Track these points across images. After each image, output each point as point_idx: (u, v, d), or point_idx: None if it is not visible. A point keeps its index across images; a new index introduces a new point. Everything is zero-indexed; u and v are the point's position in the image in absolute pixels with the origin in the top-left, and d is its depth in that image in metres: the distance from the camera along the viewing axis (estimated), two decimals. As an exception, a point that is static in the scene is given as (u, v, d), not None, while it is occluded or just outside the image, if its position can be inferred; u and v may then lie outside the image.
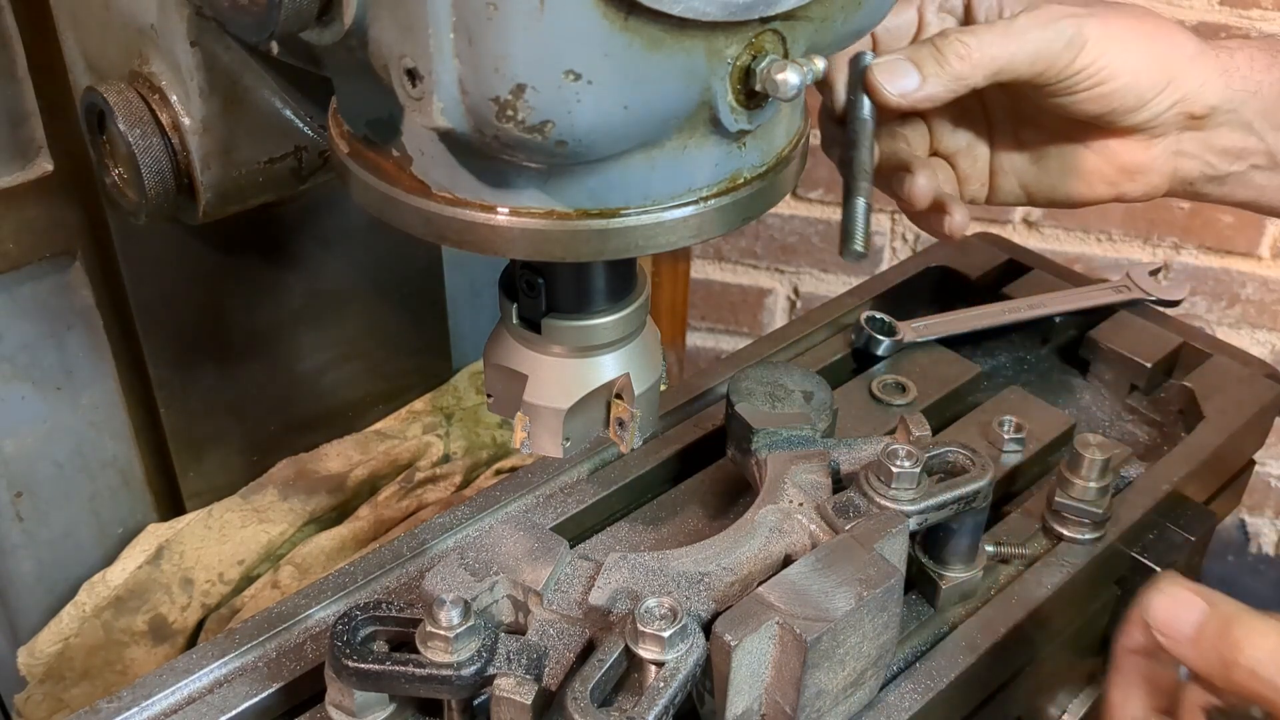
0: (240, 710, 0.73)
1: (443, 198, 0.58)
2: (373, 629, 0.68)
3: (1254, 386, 1.03)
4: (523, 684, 0.65)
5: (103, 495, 0.96)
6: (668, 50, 0.51)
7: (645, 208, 0.58)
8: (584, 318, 0.69)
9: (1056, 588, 0.82)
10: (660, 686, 0.64)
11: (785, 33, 0.55)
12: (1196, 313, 2.09)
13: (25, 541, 0.93)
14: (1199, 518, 0.93)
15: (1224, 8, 1.90)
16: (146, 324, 0.89)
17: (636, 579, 0.71)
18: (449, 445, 1.06)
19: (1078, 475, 0.84)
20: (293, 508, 0.98)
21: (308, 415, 1.03)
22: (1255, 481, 1.81)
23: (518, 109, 0.50)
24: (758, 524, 0.76)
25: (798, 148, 0.64)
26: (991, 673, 0.80)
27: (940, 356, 1.04)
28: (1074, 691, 0.98)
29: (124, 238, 0.85)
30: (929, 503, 0.76)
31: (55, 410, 0.91)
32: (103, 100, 0.71)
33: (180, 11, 0.68)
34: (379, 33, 0.53)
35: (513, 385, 0.72)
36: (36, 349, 0.88)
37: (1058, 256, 1.70)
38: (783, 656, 0.67)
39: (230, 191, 0.76)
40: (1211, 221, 2.06)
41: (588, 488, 0.89)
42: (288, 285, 0.96)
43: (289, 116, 0.75)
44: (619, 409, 0.73)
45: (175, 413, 0.94)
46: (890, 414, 0.96)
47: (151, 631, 0.92)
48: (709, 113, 0.55)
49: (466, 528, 0.85)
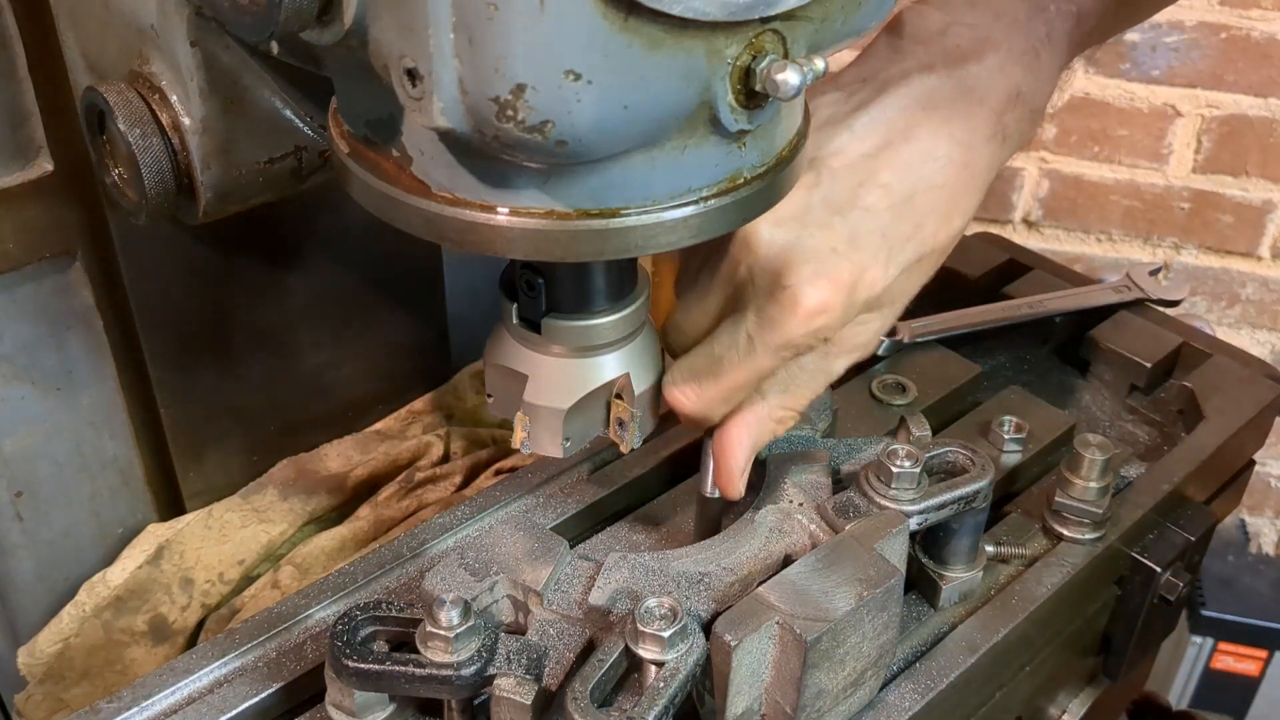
0: (240, 710, 0.73)
1: (443, 197, 0.58)
2: (373, 629, 0.68)
3: (1254, 386, 1.03)
4: (523, 684, 0.65)
5: (103, 495, 0.96)
6: (668, 50, 0.51)
7: (645, 208, 0.58)
8: (584, 318, 0.69)
9: (1056, 588, 0.82)
10: (660, 686, 0.64)
11: (785, 33, 0.55)
12: (1196, 312, 2.09)
13: (25, 541, 0.93)
14: (1199, 518, 0.93)
15: (1224, 8, 1.91)
16: (146, 324, 0.89)
17: (636, 579, 0.71)
18: (449, 445, 1.06)
19: (1078, 475, 0.84)
20: (293, 508, 0.97)
21: (308, 415, 1.03)
22: (1255, 481, 1.81)
23: (518, 109, 0.50)
24: (758, 524, 0.76)
25: (798, 148, 0.64)
26: (991, 673, 0.80)
27: (940, 356, 1.04)
28: (1074, 691, 0.98)
29: (124, 238, 0.85)
30: (929, 503, 0.76)
31: (55, 410, 0.91)
32: (103, 100, 0.71)
33: (180, 11, 0.68)
34: (379, 33, 0.53)
35: (513, 385, 0.72)
36: (36, 349, 0.88)
37: (1058, 256, 1.70)
38: (783, 656, 0.67)
39: (230, 191, 0.76)
40: (1211, 221, 2.06)
41: (588, 488, 0.88)
42: (288, 285, 0.96)
43: (289, 116, 0.75)
44: (619, 409, 0.73)
45: (175, 413, 0.94)
46: (890, 414, 0.96)
47: (151, 631, 0.92)
48: (709, 113, 0.55)
49: (466, 528, 0.85)
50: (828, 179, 0.70)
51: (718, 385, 0.72)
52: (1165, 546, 0.90)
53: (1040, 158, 2.07)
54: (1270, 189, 2.03)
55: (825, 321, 0.69)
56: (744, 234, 0.69)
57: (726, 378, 0.71)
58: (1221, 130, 1.99)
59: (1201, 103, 1.98)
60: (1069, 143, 2.04)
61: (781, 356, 0.70)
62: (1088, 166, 2.06)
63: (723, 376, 0.71)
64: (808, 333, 0.69)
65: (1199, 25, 1.93)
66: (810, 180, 0.70)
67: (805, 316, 0.68)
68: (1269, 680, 2.19)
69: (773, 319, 0.69)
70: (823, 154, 0.71)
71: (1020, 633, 0.80)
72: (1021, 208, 2.12)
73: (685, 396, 0.73)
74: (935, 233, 0.72)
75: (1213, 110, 1.98)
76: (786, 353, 0.70)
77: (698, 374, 0.72)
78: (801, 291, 0.68)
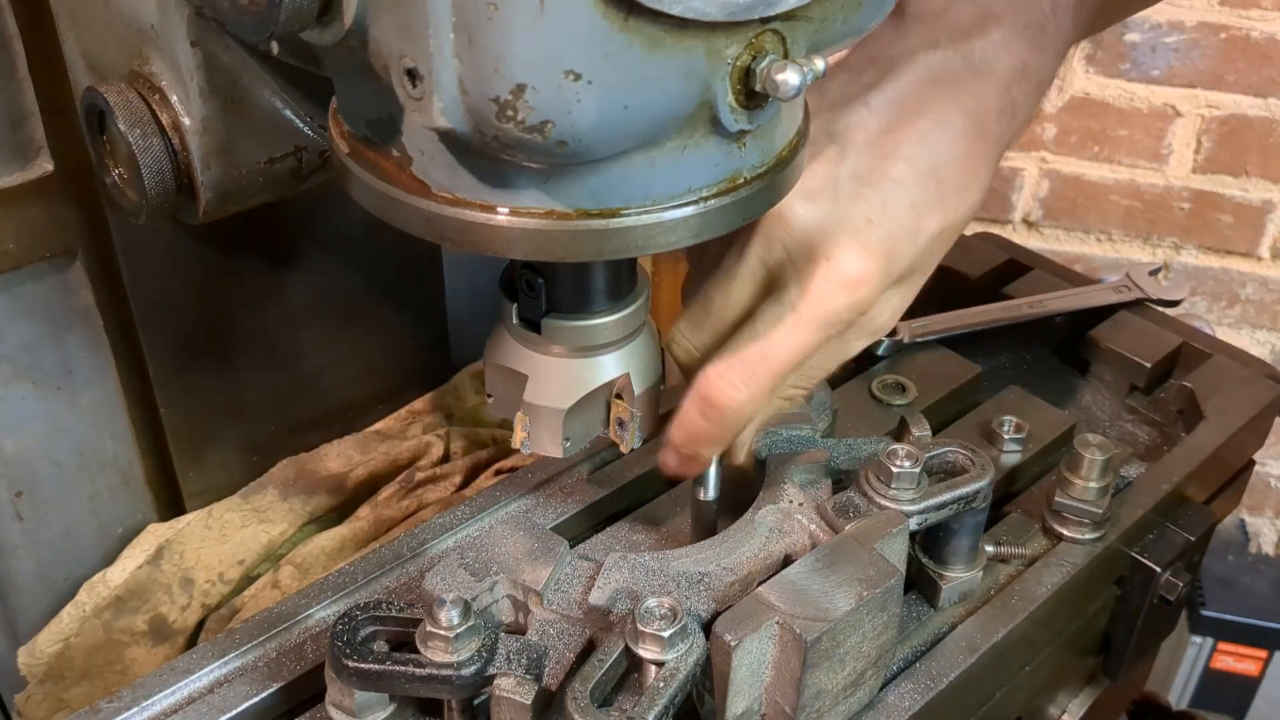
0: (240, 710, 0.73)
1: (443, 198, 0.58)
2: (373, 629, 0.68)
3: (1254, 386, 1.03)
4: (523, 684, 0.65)
5: (103, 495, 0.96)
6: (668, 50, 0.51)
7: (645, 208, 0.58)
8: (584, 318, 0.69)
9: (1056, 588, 0.82)
10: (660, 686, 0.64)
11: (785, 33, 0.55)
12: (1196, 312, 2.09)
13: (25, 541, 0.93)
14: (1199, 518, 0.93)
15: (1224, 8, 1.91)
16: (146, 324, 0.89)
17: (636, 579, 0.71)
18: (449, 445, 1.06)
19: (1078, 475, 0.84)
20: (293, 508, 0.97)
21: (308, 415, 1.03)
22: (1255, 481, 1.82)
23: (518, 109, 0.50)
24: (758, 524, 0.76)
25: (798, 148, 0.64)
26: (991, 673, 0.80)
27: (940, 356, 1.04)
28: (1074, 691, 0.98)
29: (124, 238, 0.85)
30: (929, 503, 0.76)
31: (55, 410, 0.91)
32: (103, 100, 0.71)
33: (180, 11, 0.68)
34: (379, 33, 0.53)
35: (513, 385, 0.72)
36: (36, 349, 0.88)
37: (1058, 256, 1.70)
38: (783, 656, 0.67)
39: (230, 191, 0.76)
40: (1211, 221, 2.06)
41: (588, 488, 0.88)
42: (288, 285, 0.96)
43: (289, 116, 0.75)
44: (619, 409, 0.73)
45: (175, 413, 0.94)
46: (890, 414, 0.96)
47: (151, 631, 0.92)
48: (709, 113, 0.55)
49: (466, 528, 0.85)
50: (853, 153, 0.70)
51: (767, 367, 0.70)
52: (1165, 546, 0.90)
53: (1040, 158, 2.07)
54: (1270, 189, 2.03)
55: (866, 292, 0.69)
56: (776, 212, 0.68)
57: (775, 358, 0.70)
58: (1221, 130, 1.99)
59: (1201, 103, 1.98)
60: (1069, 143, 2.05)
61: (827, 332, 0.70)
62: (1088, 166, 2.06)
63: (770, 357, 0.70)
64: (851, 303, 0.69)
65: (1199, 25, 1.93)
66: (835, 155, 0.70)
67: (849, 286, 0.68)
68: (1269, 680, 2.19)
69: (816, 291, 0.68)
70: (842, 128, 0.71)
71: (1020, 633, 0.80)
72: (1021, 208, 2.12)
73: (732, 385, 0.70)
74: (956, 204, 0.73)
75: (1213, 110, 1.98)
76: (832, 328, 0.70)
77: (745, 359, 0.70)
78: (844, 260, 0.68)
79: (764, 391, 0.71)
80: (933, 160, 0.71)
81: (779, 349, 0.70)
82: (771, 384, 0.71)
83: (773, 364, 0.70)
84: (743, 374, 0.70)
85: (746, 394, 0.70)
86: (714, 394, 0.70)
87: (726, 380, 0.70)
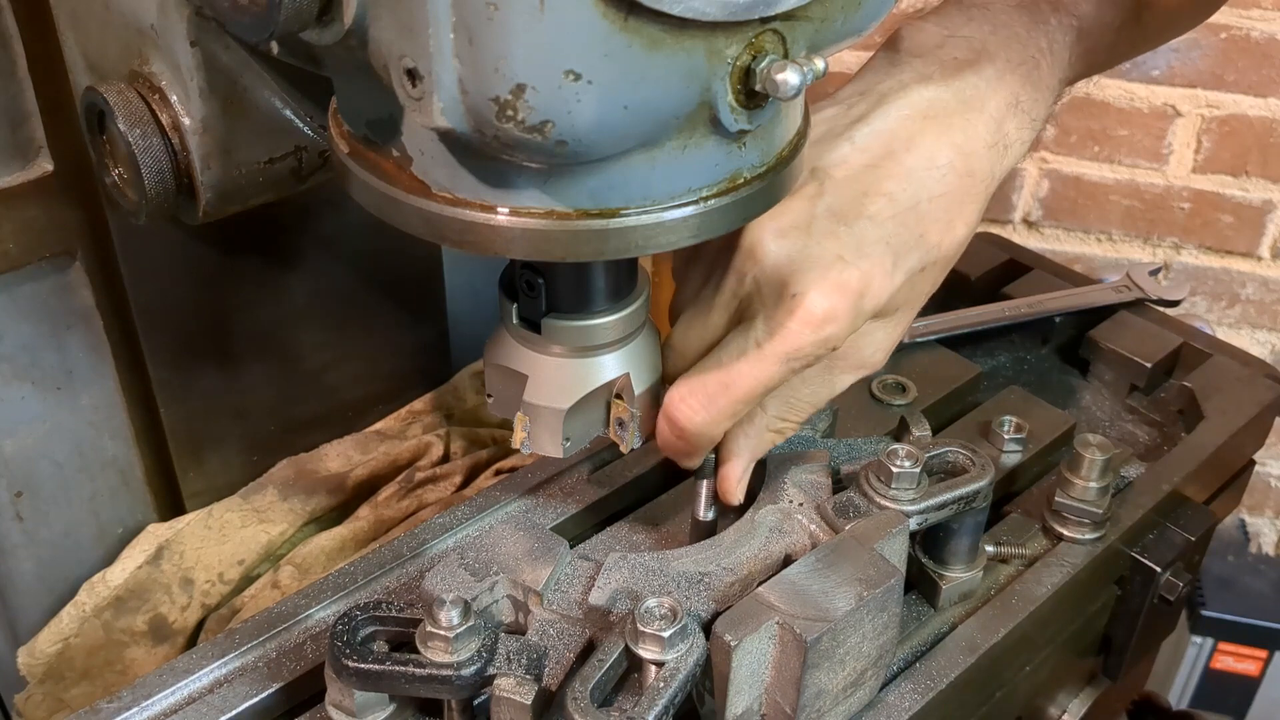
0: (240, 710, 0.73)
1: (443, 198, 0.58)
2: (373, 629, 0.68)
3: (1254, 386, 1.03)
4: (523, 684, 0.65)
5: (103, 495, 0.96)
6: (668, 50, 0.51)
7: (645, 208, 0.58)
8: (584, 318, 0.69)
9: (1056, 588, 0.82)
10: (660, 686, 0.64)
11: (785, 33, 0.55)
12: (1196, 312, 2.09)
13: (25, 541, 0.93)
14: (1199, 518, 0.93)
15: (1224, 8, 1.90)
16: (146, 324, 0.89)
17: (636, 579, 0.71)
18: (449, 445, 1.06)
19: (1078, 475, 0.84)
20: (293, 508, 0.97)
21: (308, 415, 1.03)
22: (1255, 481, 1.82)
23: (518, 109, 0.50)
24: (758, 524, 0.76)
25: (798, 148, 0.64)
26: (991, 673, 0.80)
27: (940, 356, 1.04)
28: (1074, 691, 0.98)
29: (124, 238, 0.85)
30: (929, 503, 0.76)
31: (55, 410, 0.91)
32: (103, 100, 0.71)
33: (180, 11, 0.68)
34: (379, 33, 0.53)
35: (513, 385, 0.72)
36: (36, 349, 0.88)
37: (1058, 256, 1.70)
38: (783, 656, 0.67)
39: (230, 191, 0.76)
40: (1211, 221, 2.06)
41: (588, 488, 0.88)
42: (288, 285, 0.96)
43: (289, 116, 0.75)
44: (619, 409, 0.73)
45: (175, 413, 0.94)
46: (890, 414, 0.96)
47: (151, 631, 0.92)
48: (709, 113, 0.55)
49: (466, 528, 0.85)
50: (831, 189, 0.70)
51: (727, 396, 0.71)
52: (1165, 546, 0.90)
53: (1040, 158, 2.06)
54: (1270, 189, 2.03)
55: (834, 330, 0.68)
56: (748, 245, 0.69)
57: (735, 388, 0.70)
58: (1221, 130, 1.99)
59: (1201, 103, 1.98)
60: (1069, 143, 2.04)
61: (791, 367, 0.70)
62: (1088, 166, 2.06)
63: (731, 387, 0.70)
64: (816, 341, 0.69)
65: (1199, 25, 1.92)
66: (813, 190, 0.70)
67: (814, 324, 0.68)
68: (1269, 680, 2.19)
69: (782, 327, 0.68)
70: (825, 164, 0.71)
71: (1020, 633, 0.80)
72: (1021, 208, 2.12)
73: (691, 409, 0.72)
74: (939, 241, 0.72)
75: (1213, 110, 1.98)
76: (795, 363, 0.69)
77: (706, 385, 0.71)
78: (809, 299, 0.68)
79: (723, 418, 0.72)
80: (916, 196, 0.71)
81: (740, 380, 0.70)
82: (732, 411, 0.72)
83: (733, 393, 0.71)
84: (703, 400, 0.71)
85: (705, 418, 0.72)
86: (676, 415, 0.72)
87: (688, 404, 0.72)
